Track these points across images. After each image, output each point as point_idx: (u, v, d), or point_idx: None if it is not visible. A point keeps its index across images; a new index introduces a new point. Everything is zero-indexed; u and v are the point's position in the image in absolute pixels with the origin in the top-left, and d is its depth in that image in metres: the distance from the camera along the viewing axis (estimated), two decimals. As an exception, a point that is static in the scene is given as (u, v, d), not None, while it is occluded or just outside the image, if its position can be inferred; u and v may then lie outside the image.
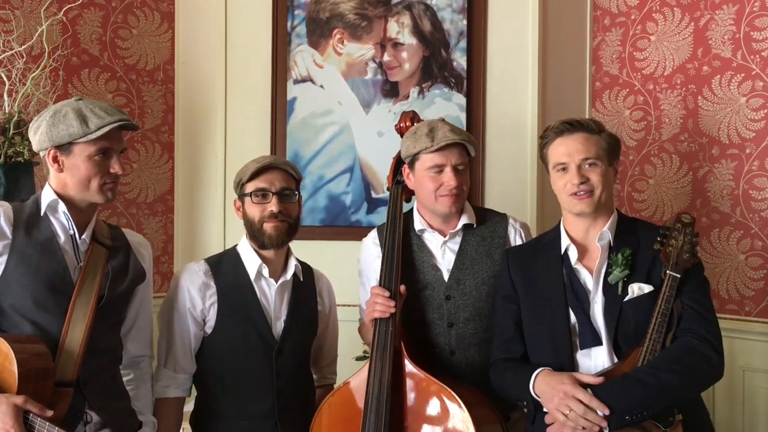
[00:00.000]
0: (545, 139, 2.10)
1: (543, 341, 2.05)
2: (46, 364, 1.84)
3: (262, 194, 2.17)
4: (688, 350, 1.88)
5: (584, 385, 1.87)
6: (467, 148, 2.23)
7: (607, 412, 1.81)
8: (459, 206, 2.25)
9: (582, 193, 2.01)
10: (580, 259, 2.05)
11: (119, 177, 1.98)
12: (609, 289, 1.99)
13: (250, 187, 2.17)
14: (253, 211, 2.18)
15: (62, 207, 1.95)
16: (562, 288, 2.03)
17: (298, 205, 2.25)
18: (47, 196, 1.97)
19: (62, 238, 1.96)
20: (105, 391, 2.00)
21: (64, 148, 1.92)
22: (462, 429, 2.03)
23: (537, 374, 1.96)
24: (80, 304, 1.92)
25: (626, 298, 1.96)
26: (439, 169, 2.21)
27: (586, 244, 2.07)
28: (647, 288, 1.96)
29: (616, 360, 1.94)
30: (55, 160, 1.94)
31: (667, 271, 1.93)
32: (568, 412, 1.84)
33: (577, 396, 1.84)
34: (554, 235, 2.14)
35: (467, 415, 2.02)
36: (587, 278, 2.03)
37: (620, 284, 1.97)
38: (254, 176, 2.17)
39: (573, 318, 2.00)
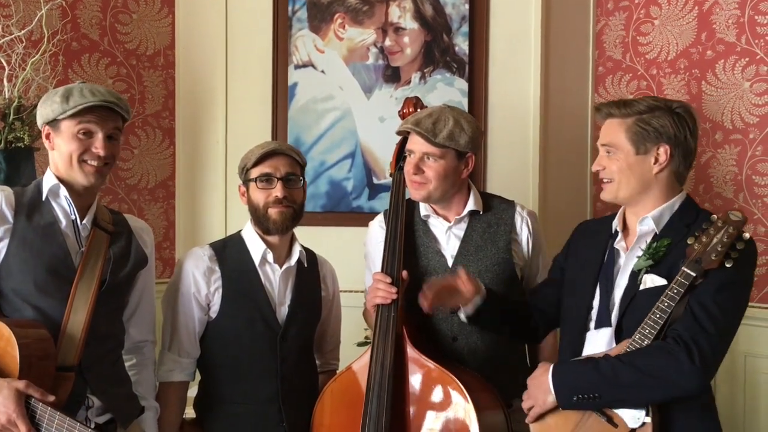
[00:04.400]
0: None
1: (567, 314, 2.02)
2: (48, 349, 1.83)
3: (267, 179, 2.16)
4: (658, 351, 1.75)
5: None
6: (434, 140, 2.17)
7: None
8: (423, 195, 2.21)
9: (603, 180, 1.93)
10: (624, 237, 1.97)
11: (103, 160, 1.95)
12: (633, 276, 1.90)
13: (254, 173, 2.17)
14: (258, 196, 2.17)
15: (64, 191, 1.95)
16: (599, 265, 1.97)
17: (302, 191, 2.24)
18: (48, 180, 1.97)
19: (63, 222, 1.96)
20: (107, 376, 2.00)
21: (53, 125, 1.94)
22: (464, 414, 2.03)
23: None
24: (82, 289, 1.92)
25: (641, 288, 1.86)
26: (409, 153, 2.23)
27: (631, 225, 1.98)
28: (660, 281, 1.83)
29: (614, 346, 1.90)
30: (48, 137, 1.97)
31: (683, 267, 1.77)
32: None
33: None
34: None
35: (469, 400, 2.02)
36: (622, 260, 1.95)
37: (642, 273, 1.87)
38: (259, 162, 2.16)
39: (597, 297, 1.95)
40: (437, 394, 2.08)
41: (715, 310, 1.75)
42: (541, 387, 1.87)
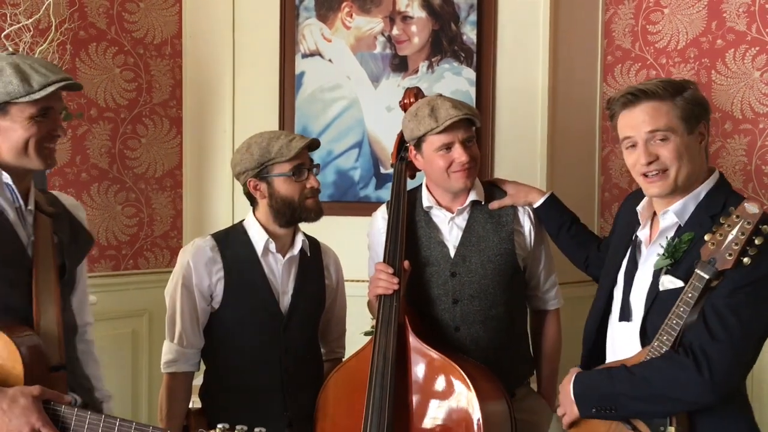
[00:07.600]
0: (611, 111, 1.84)
1: (596, 297, 1.98)
2: (41, 350, 1.68)
3: (301, 171, 2.15)
4: (668, 363, 1.67)
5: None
6: (472, 120, 2.21)
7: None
8: (472, 180, 2.23)
9: (653, 174, 1.74)
10: (650, 226, 1.86)
11: (59, 140, 1.79)
12: (656, 274, 1.78)
13: (287, 167, 2.13)
14: (292, 189, 2.15)
15: (7, 178, 1.72)
16: (625, 250, 1.88)
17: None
18: None
19: (11, 213, 1.74)
20: (77, 370, 1.89)
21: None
22: (467, 403, 2.03)
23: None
24: (43, 282, 1.74)
25: (660, 289, 1.75)
26: (448, 147, 2.18)
27: (658, 214, 1.84)
28: (678, 283, 1.71)
29: (639, 345, 1.81)
30: None
31: (696, 269, 1.64)
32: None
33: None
34: None
35: (472, 389, 2.02)
36: (644, 252, 1.86)
37: (661, 272, 1.75)
38: (297, 155, 2.13)
39: (620, 286, 1.87)
40: (440, 383, 2.08)
41: (729, 315, 1.63)
42: (568, 396, 1.84)
